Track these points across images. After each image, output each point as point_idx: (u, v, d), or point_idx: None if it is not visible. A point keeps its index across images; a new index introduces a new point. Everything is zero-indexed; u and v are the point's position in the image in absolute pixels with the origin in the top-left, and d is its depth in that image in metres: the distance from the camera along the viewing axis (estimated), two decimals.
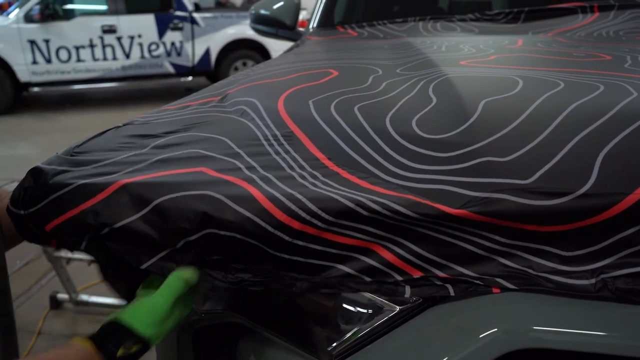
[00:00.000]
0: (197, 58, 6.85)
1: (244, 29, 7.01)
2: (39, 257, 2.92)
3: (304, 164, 0.66)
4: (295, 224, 0.58)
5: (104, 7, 6.52)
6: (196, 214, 0.58)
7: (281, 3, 2.11)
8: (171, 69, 6.80)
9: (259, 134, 0.74)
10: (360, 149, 0.67)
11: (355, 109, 0.74)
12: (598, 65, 0.88)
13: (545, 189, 0.56)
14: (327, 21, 1.87)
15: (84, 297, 2.54)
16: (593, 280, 0.55)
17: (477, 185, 0.58)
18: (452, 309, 0.60)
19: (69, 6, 6.57)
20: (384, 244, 0.58)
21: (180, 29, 6.70)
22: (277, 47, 6.99)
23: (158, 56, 6.68)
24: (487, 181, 0.58)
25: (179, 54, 6.77)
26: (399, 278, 0.59)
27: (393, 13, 1.98)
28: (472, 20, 1.71)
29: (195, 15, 6.78)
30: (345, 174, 0.64)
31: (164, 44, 6.67)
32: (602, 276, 0.55)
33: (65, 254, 2.43)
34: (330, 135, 0.70)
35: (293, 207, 0.58)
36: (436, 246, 0.58)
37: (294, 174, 0.64)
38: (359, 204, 0.58)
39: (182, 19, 6.70)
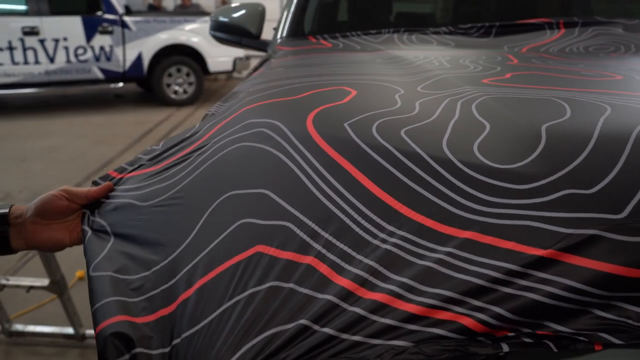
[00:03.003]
0: (128, 63, 6.52)
1: (177, 34, 6.77)
2: None
3: (368, 212, 0.60)
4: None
5: (23, 7, 6.05)
6: None
7: (243, 11, 2.02)
8: (100, 75, 6.43)
9: (297, 170, 0.66)
10: (423, 181, 0.61)
11: (402, 133, 0.68)
12: (621, 86, 0.87)
13: None
14: (297, 31, 1.80)
15: (19, 326, 2.31)
16: None
17: (567, 220, 0.54)
18: None
19: None
20: (467, 313, 0.53)
21: (110, 32, 6.35)
22: (213, 53, 6.82)
23: (86, 61, 6.30)
24: (577, 216, 0.54)
25: (108, 59, 6.41)
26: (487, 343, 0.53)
27: (363, 24, 1.95)
28: (445, 33, 1.71)
29: (126, 18, 6.46)
30: (419, 217, 0.58)
31: (92, 48, 6.30)
32: None
33: None
34: (383, 165, 0.64)
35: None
36: (520, 305, 0.52)
37: (361, 232, 0.59)
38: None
39: (112, 22, 6.36)
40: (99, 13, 6.31)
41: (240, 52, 6.90)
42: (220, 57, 6.85)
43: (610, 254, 0.52)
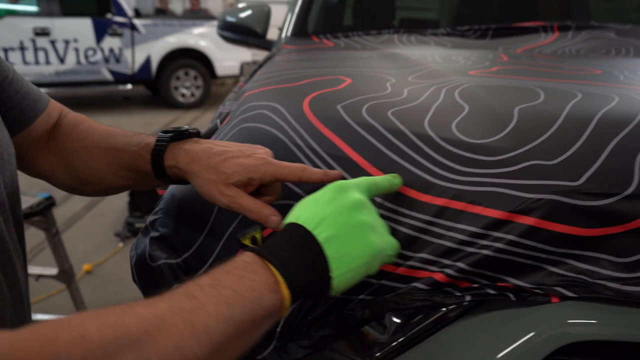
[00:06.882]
0: (137, 66, 6.63)
1: (185, 38, 6.88)
2: None
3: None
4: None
5: (34, 8, 6.18)
6: None
7: (250, 11, 2.10)
8: (109, 76, 6.55)
9: (293, 147, 0.74)
10: (404, 153, 0.68)
11: (389, 113, 0.75)
12: (598, 78, 0.94)
13: (595, 189, 0.59)
14: (301, 30, 1.87)
15: None
16: None
17: (529, 187, 0.60)
18: (498, 314, 0.61)
19: None
20: (438, 269, 0.61)
21: (120, 35, 6.47)
22: (221, 57, 6.92)
23: (95, 62, 6.42)
24: (539, 183, 0.60)
25: (117, 61, 6.53)
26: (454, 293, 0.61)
27: (365, 24, 2.02)
28: (443, 34, 1.77)
29: (136, 21, 6.58)
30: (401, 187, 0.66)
31: (102, 49, 6.42)
32: None
33: None
34: (368, 139, 0.70)
35: None
36: (482, 261, 0.60)
37: None
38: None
39: (122, 24, 6.48)
40: (109, 15, 6.44)
41: (247, 57, 6.99)
42: (228, 61, 6.95)
43: (564, 216, 0.58)
